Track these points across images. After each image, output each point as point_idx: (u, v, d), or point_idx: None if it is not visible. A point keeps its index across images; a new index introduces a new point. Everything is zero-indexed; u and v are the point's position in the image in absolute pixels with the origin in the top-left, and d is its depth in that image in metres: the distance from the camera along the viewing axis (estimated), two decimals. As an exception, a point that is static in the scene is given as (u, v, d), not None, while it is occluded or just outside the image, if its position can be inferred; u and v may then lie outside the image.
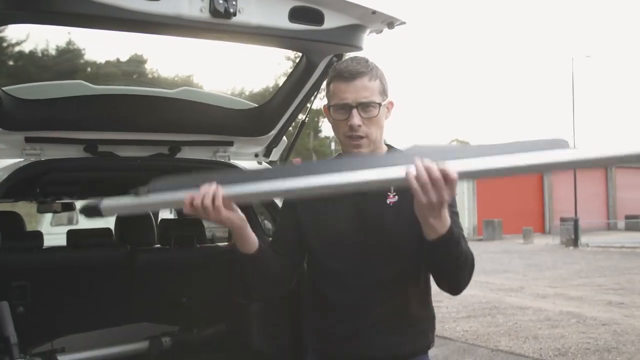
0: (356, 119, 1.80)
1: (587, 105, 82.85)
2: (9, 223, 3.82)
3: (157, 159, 3.05)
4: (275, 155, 3.37)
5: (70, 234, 3.74)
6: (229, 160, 3.25)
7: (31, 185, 3.13)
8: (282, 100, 3.02)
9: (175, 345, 3.52)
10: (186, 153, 3.11)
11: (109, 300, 3.38)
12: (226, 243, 4.15)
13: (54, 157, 2.83)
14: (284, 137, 3.31)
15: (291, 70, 2.95)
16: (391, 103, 1.90)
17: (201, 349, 3.40)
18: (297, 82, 2.85)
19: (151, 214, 4.63)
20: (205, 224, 3.94)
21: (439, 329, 7.85)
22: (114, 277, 3.50)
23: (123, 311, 3.50)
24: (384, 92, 1.85)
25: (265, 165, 3.40)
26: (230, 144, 3.21)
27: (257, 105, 3.19)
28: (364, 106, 1.80)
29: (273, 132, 3.21)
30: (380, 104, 1.82)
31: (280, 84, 3.08)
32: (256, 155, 3.35)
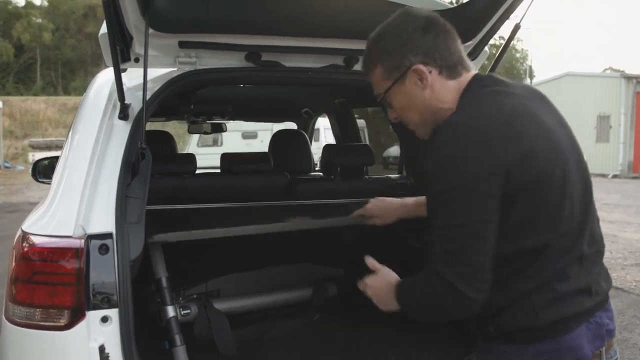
0: (390, 114, 1.79)
1: None
2: (162, 144, 3.47)
3: (330, 70, 2.49)
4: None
5: (225, 158, 3.33)
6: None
7: (185, 100, 2.68)
8: None
9: (341, 291, 3.06)
10: None
11: (267, 235, 2.92)
12: (397, 175, 3.57)
13: (211, 66, 2.35)
14: (486, 48, 2.61)
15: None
16: (414, 70, 1.64)
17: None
18: None
19: (307, 138, 4.15)
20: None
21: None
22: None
23: (282, 249, 3.07)
24: (392, 70, 1.67)
25: None
26: None
27: (453, 6, 2.50)
28: (384, 102, 1.74)
29: (472, 42, 2.52)
30: (389, 88, 1.68)
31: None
32: None
